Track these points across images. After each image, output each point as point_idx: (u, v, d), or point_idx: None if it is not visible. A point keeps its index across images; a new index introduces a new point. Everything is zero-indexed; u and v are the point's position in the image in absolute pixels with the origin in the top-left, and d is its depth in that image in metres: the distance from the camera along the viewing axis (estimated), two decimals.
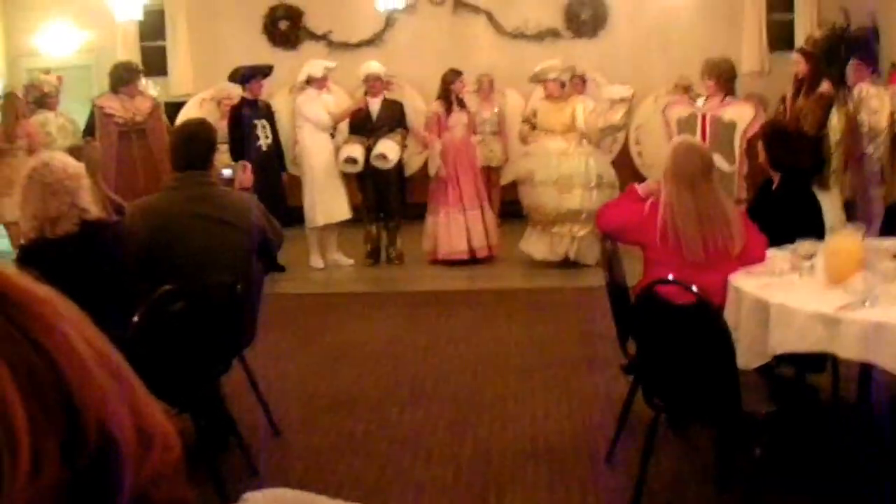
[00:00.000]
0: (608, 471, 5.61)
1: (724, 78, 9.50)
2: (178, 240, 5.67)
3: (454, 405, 6.82)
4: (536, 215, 11.26)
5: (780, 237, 5.57)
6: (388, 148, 11.36)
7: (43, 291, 0.85)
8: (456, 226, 11.59)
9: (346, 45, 15.62)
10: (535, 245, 11.35)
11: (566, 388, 7.05)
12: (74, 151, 7.69)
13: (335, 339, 8.73)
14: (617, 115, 10.93)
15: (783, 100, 10.62)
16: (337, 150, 11.66)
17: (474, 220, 11.61)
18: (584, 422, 6.39)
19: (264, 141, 11.36)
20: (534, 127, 11.39)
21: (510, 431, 6.30)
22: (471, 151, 11.94)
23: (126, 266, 5.12)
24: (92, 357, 0.83)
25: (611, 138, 13.02)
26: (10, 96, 12.29)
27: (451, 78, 11.77)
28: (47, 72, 12.47)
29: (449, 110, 11.73)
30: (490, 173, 13.41)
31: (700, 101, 9.88)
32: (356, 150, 11.43)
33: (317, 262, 11.95)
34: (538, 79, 11.38)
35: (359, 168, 11.52)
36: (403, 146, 11.77)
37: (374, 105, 11.74)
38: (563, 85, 11.29)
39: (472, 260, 11.58)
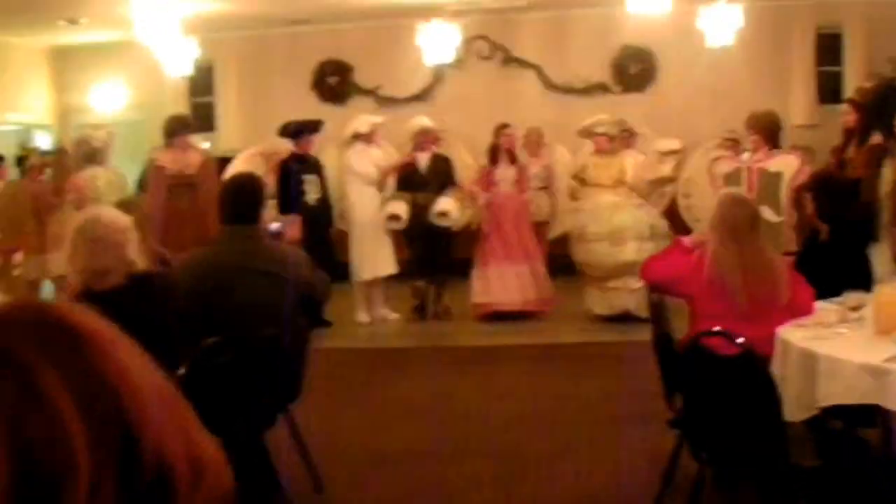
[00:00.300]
0: None
1: (768, 131, 9.41)
2: (225, 292, 5.67)
3: (499, 461, 6.75)
4: (590, 271, 11.17)
5: (828, 288, 5.51)
6: (449, 205, 11.34)
7: (108, 329, 0.93)
8: (502, 279, 11.53)
9: (394, 101, 15.70)
10: (594, 301, 11.26)
11: (613, 444, 6.97)
12: (124, 206, 7.73)
13: (381, 395, 8.71)
14: (666, 168, 10.89)
15: (833, 151, 10.53)
16: (383, 205, 11.66)
17: (521, 275, 11.54)
18: (630, 478, 6.29)
19: (312, 196, 11.38)
20: (583, 182, 11.34)
21: (555, 487, 6.24)
22: (519, 206, 11.85)
23: (172, 318, 5.13)
24: (150, 390, 0.91)
25: (659, 192, 12.96)
26: (60, 151, 12.42)
27: (497, 131, 11.79)
28: (97, 128, 12.58)
29: (495, 164, 11.72)
30: (537, 228, 13.35)
31: (746, 156, 9.79)
32: (400, 208, 11.44)
33: (363, 316, 11.92)
34: (587, 133, 11.36)
35: (402, 225, 11.53)
36: (462, 203, 11.73)
37: (423, 160, 11.76)
38: (611, 139, 11.25)
39: (522, 315, 11.50)
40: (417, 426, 7.71)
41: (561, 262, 11.88)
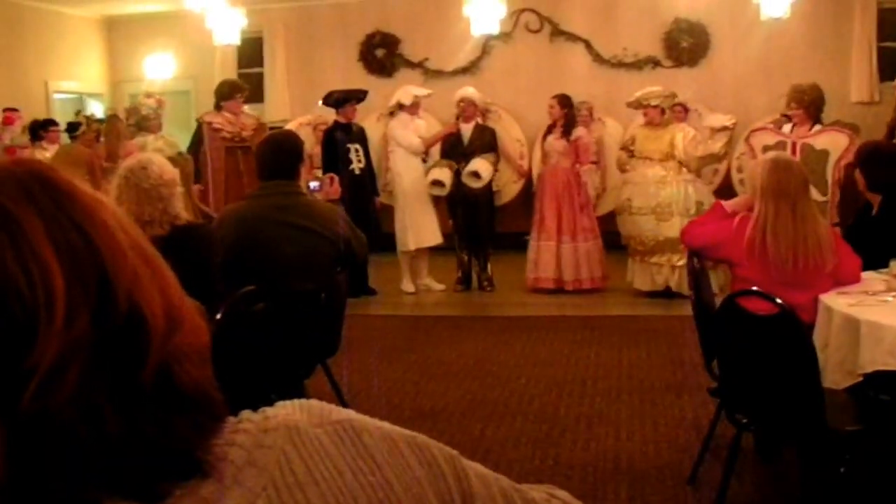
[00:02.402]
0: (690, 492, 5.48)
1: (815, 107, 9.23)
2: (264, 246, 5.70)
3: (538, 423, 6.77)
4: (634, 244, 11.10)
5: (879, 259, 5.42)
6: (482, 166, 11.27)
7: (92, 191, 1.04)
8: (549, 254, 11.45)
9: (441, 73, 15.67)
10: (637, 276, 11.20)
11: (652, 412, 6.96)
12: (172, 161, 7.78)
13: (422, 357, 8.73)
14: (717, 145, 10.76)
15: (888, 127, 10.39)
16: (427, 172, 11.65)
17: (570, 252, 11.43)
18: (668, 444, 6.28)
19: (357, 165, 11.38)
20: (632, 154, 11.22)
21: (592, 450, 6.22)
22: (569, 179, 11.58)
23: (211, 269, 5.14)
24: (128, 245, 1.00)
25: (712, 168, 12.83)
26: (112, 118, 12.52)
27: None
28: (149, 95, 12.66)
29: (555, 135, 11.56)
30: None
31: (786, 128, 9.60)
32: (444, 174, 11.39)
33: (408, 286, 11.95)
34: (638, 104, 11.23)
35: (445, 191, 11.51)
36: (495, 168, 11.67)
37: (466, 130, 11.71)
38: (663, 112, 11.12)
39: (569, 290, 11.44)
40: (456, 387, 7.72)
41: (609, 238, 11.73)
